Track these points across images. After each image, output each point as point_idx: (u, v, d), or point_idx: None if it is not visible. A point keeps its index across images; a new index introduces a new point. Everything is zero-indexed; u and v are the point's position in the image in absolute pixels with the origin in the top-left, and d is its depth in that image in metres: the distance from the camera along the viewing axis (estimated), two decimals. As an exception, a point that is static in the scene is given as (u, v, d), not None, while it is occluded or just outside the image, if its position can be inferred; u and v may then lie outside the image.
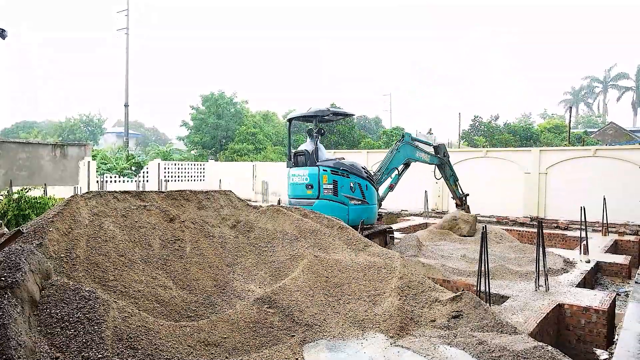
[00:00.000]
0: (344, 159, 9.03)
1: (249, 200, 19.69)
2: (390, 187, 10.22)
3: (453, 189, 11.57)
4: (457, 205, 11.70)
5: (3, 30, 9.52)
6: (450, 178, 11.42)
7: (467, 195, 11.77)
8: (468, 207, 11.70)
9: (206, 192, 6.05)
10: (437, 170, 11.51)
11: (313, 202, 8.27)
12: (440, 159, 11.10)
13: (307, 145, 9.00)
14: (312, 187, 8.40)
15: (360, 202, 8.45)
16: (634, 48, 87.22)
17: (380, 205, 9.44)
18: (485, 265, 5.28)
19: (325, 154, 9.02)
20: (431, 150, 11.18)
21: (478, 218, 14.05)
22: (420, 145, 11.02)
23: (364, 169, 8.90)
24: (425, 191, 15.04)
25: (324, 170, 8.42)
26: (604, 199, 10.74)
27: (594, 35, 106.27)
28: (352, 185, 8.45)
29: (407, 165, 10.53)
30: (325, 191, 8.33)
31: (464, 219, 10.78)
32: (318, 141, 8.81)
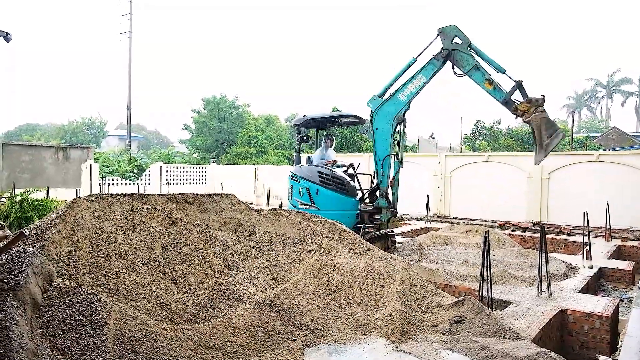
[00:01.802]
0: (336, 162, 9.08)
1: (251, 204, 19.69)
2: (390, 184, 8.55)
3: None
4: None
5: (7, 34, 9.57)
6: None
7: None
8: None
9: (208, 195, 6.05)
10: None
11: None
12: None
13: (316, 151, 9.46)
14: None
15: (308, 207, 8.48)
16: (637, 53, 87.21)
17: (389, 208, 8.48)
18: (487, 270, 5.26)
19: (317, 158, 9.19)
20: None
21: (480, 223, 14.04)
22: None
23: (348, 172, 8.78)
24: (427, 195, 15.02)
25: (290, 176, 9.15)
26: (607, 204, 10.71)
27: (597, 40, 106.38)
28: (300, 190, 8.74)
29: (397, 127, 8.39)
30: (291, 195, 9.05)
31: None
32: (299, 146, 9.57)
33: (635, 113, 54.24)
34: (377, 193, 8.60)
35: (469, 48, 7.81)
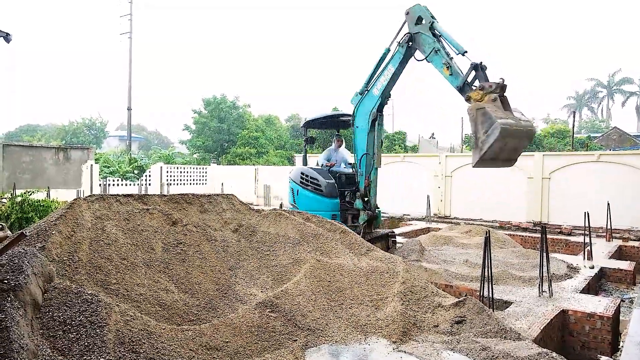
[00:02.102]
0: (349, 163, 9.14)
1: (251, 204, 19.69)
2: (366, 184, 8.05)
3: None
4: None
5: (8, 34, 9.57)
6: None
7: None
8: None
9: (208, 195, 6.05)
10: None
11: None
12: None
13: (323, 152, 9.71)
14: None
15: (292, 206, 8.93)
16: (638, 53, 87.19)
17: (365, 210, 8.09)
18: (488, 270, 5.25)
19: (322, 159, 9.32)
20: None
21: (480, 223, 14.03)
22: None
23: (333, 172, 8.74)
24: (428, 195, 15.02)
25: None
26: (608, 204, 10.69)
27: (598, 40, 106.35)
28: (290, 190, 9.17)
29: (374, 124, 7.90)
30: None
31: None
32: (307, 148, 9.83)
33: (636, 113, 54.21)
34: (357, 194, 8.27)
35: (431, 30, 6.87)
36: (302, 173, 8.74)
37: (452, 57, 6.65)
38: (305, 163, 9.61)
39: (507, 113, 5.64)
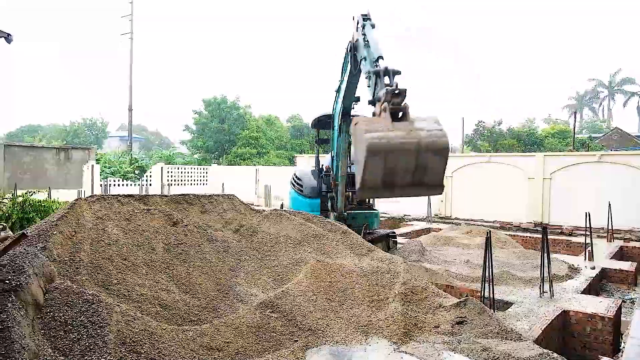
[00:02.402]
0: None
1: (252, 204, 19.71)
2: (333, 184, 8.00)
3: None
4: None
5: (9, 35, 9.59)
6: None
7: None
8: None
9: (209, 196, 6.05)
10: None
11: None
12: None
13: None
14: None
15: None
16: (639, 53, 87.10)
17: (332, 211, 8.08)
18: (489, 271, 5.25)
19: (327, 159, 9.35)
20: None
21: (481, 224, 14.02)
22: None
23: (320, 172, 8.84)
24: (428, 196, 15.01)
25: None
26: (609, 204, 10.67)
27: (599, 40, 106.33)
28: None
29: (341, 131, 7.54)
30: None
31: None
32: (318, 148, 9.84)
33: (637, 113, 54.14)
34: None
35: (363, 35, 5.67)
36: (294, 175, 9.14)
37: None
38: (317, 164, 9.54)
39: (396, 125, 4.14)
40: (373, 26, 5.80)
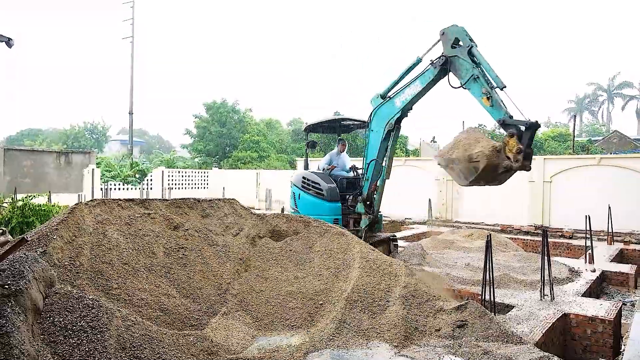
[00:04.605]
0: (353, 167, 9.12)
1: (253, 208, 19.69)
2: (373, 190, 7.99)
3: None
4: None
5: (10, 39, 9.62)
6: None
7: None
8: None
9: (210, 200, 6.05)
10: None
11: None
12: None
13: (325, 156, 9.77)
14: None
15: (293, 210, 8.96)
16: (638, 56, 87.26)
17: (367, 214, 8.00)
18: (490, 274, 5.24)
19: (323, 163, 9.35)
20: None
21: (482, 227, 14.00)
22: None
23: (332, 176, 8.71)
24: (429, 199, 15.01)
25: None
26: (609, 207, 10.67)
27: (598, 43, 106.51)
28: (291, 194, 9.26)
29: (390, 134, 7.72)
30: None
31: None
32: (308, 152, 10.23)
33: (636, 116, 54.20)
34: (359, 198, 8.11)
35: (469, 54, 6.37)
36: (304, 177, 8.75)
37: (493, 87, 6.13)
38: (306, 167, 9.70)
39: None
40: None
